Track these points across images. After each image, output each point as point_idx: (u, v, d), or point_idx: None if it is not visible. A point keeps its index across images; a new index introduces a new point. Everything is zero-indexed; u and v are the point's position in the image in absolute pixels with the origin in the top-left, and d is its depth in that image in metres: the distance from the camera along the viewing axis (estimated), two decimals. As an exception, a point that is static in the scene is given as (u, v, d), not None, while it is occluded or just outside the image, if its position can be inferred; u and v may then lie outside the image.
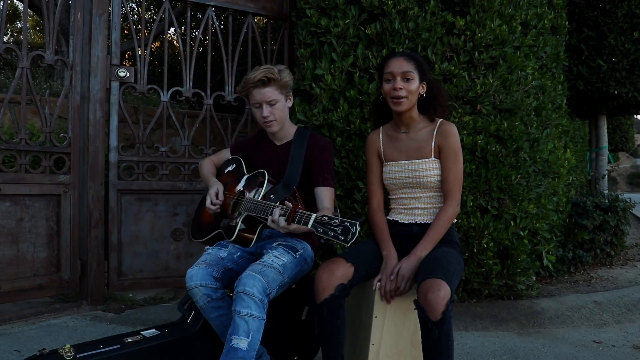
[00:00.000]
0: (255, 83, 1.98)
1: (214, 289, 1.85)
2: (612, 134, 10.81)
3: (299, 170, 2.03)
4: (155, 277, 3.29)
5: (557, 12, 3.54)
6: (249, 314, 1.68)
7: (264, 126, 2.07)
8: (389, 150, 2.00)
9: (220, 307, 1.86)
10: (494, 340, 2.60)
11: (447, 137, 1.90)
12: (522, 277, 2.96)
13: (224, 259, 1.95)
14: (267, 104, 2.01)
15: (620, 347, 2.52)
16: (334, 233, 1.55)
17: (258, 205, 1.88)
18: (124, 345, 1.89)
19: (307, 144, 2.07)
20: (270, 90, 2.00)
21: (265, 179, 1.98)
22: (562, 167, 3.23)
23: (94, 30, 3.04)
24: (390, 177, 1.98)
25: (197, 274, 1.84)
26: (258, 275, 1.73)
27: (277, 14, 3.60)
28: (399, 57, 1.91)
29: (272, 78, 1.99)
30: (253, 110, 2.08)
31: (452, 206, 1.89)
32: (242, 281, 1.72)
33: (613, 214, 3.92)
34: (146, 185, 3.26)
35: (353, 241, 1.55)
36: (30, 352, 2.20)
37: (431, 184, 1.92)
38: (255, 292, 1.69)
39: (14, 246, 2.84)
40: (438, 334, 1.57)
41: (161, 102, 3.32)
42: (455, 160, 1.90)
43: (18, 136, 2.85)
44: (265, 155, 2.13)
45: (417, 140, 1.95)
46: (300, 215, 1.65)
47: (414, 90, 1.89)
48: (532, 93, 3.00)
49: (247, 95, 2.06)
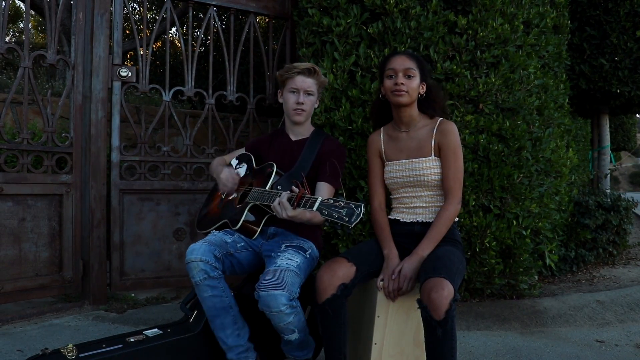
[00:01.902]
0: (302, 70, 2.11)
1: (213, 267, 1.86)
2: (615, 133, 10.80)
3: (308, 165, 2.09)
4: (157, 277, 3.30)
5: (560, 11, 3.53)
6: (286, 323, 1.77)
7: (292, 113, 2.14)
8: (389, 150, 2.01)
9: (215, 287, 1.88)
10: (496, 339, 2.60)
11: (446, 135, 1.91)
12: (524, 276, 2.95)
13: (228, 243, 1.98)
14: (305, 93, 2.12)
15: (623, 346, 2.52)
16: (339, 215, 1.56)
17: (265, 194, 1.92)
18: (126, 345, 1.89)
19: (321, 143, 2.15)
20: (312, 82, 2.13)
21: (274, 170, 2.04)
22: (565, 166, 3.23)
23: (95, 30, 3.04)
24: (391, 176, 1.99)
25: (199, 248, 1.87)
26: (278, 291, 1.73)
27: (279, 14, 3.59)
28: (401, 55, 1.94)
29: (317, 71, 2.14)
30: (286, 95, 2.15)
31: (453, 204, 1.88)
32: (265, 302, 1.73)
33: (615, 213, 3.91)
34: (148, 185, 3.26)
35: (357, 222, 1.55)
36: (32, 352, 2.20)
37: (431, 183, 1.92)
38: (281, 307, 1.73)
39: (16, 246, 2.84)
40: (441, 333, 1.57)
41: (163, 101, 3.32)
42: (455, 158, 1.90)
43: (20, 136, 2.86)
44: (279, 147, 2.20)
45: (417, 139, 1.95)
46: (307, 199, 1.67)
47: (415, 87, 1.90)
48: (534, 92, 2.99)
49: (286, 80, 2.14)
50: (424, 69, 1.95)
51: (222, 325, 1.89)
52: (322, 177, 2.07)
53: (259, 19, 5.56)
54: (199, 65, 3.66)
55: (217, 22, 3.44)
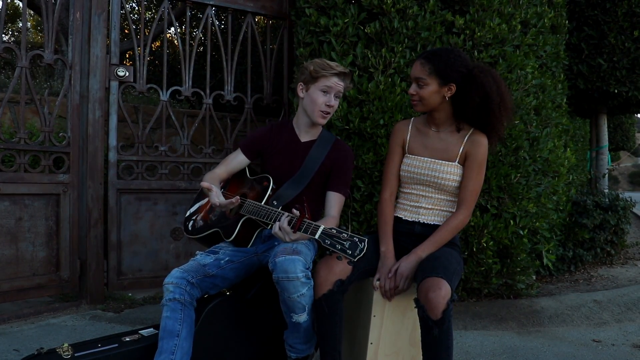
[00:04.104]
0: (339, 72, 2.00)
1: (183, 290, 1.83)
2: (613, 133, 10.80)
3: (313, 170, 2.02)
4: (154, 277, 3.29)
5: (557, 11, 3.53)
6: (300, 294, 1.70)
7: (318, 114, 2.01)
8: (415, 144, 1.97)
9: (174, 311, 1.81)
10: (493, 339, 2.60)
11: (476, 147, 1.86)
12: (521, 276, 2.96)
13: (206, 265, 1.92)
14: (335, 96, 2.02)
15: (619, 346, 2.52)
16: (342, 247, 1.54)
17: (261, 210, 1.86)
18: (121, 345, 1.89)
19: (330, 147, 2.07)
20: (344, 86, 2.03)
21: (270, 184, 1.97)
22: (562, 166, 3.23)
23: (93, 30, 3.04)
24: (408, 169, 1.95)
25: (174, 274, 1.86)
26: (295, 255, 1.70)
27: (277, 13, 3.59)
28: (417, 61, 1.87)
29: (350, 77, 2.05)
30: (315, 93, 2.00)
31: (464, 214, 1.87)
32: (282, 267, 1.69)
33: (613, 213, 3.92)
34: (145, 185, 3.26)
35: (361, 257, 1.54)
36: (29, 352, 2.19)
37: (447, 188, 1.90)
38: (299, 274, 1.68)
39: (13, 245, 2.84)
40: (438, 333, 1.57)
41: (161, 101, 3.31)
42: (479, 171, 1.87)
43: (17, 135, 2.85)
44: (287, 148, 2.09)
45: (446, 141, 1.91)
46: (308, 225, 1.63)
47: (426, 95, 1.84)
48: (532, 92, 3.00)
49: (320, 77, 1.99)
50: (442, 72, 1.81)
51: (161, 350, 1.79)
52: (332, 187, 2.03)
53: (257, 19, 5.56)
54: (197, 65, 3.66)
55: (215, 22, 3.44)
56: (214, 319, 1.94)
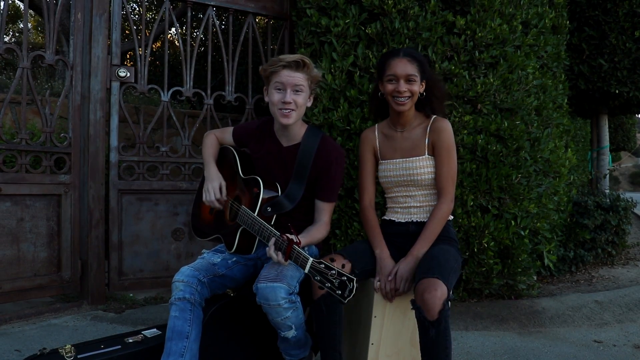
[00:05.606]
0: (289, 63, 1.84)
1: (194, 289, 1.81)
2: (614, 133, 10.79)
3: (303, 184, 1.93)
4: (155, 277, 3.30)
5: (558, 11, 3.53)
6: (284, 318, 1.71)
7: (279, 114, 1.87)
8: (384, 149, 2.00)
9: (183, 311, 1.78)
10: (494, 339, 2.60)
11: (439, 134, 1.90)
12: (522, 276, 2.95)
13: (216, 264, 1.92)
14: (292, 90, 1.85)
15: (621, 346, 2.52)
16: (331, 285, 1.54)
17: (255, 224, 1.84)
18: (125, 346, 1.88)
19: (316, 151, 1.92)
20: (300, 76, 1.86)
21: (261, 192, 1.89)
22: (563, 167, 3.23)
23: (94, 30, 3.04)
24: (385, 175, 1.99)
25: (184, 271, 1.84)
26: (277, 283, 1.69)
27: (278, 14, 3.60)
28: (402, 59, 1.87)
29: (306, 64, 1.87)
30: (271, 92, 1.89)
31: (446, 203, 1.88)
32: (263, 294, 1.69)
33: (614, 214, 3.91)
34: (147, 185, 3.26)
35: (350, 298, 1.53)
36: (30, 352, 2.20)
37: (425, 182, 1.92)
38: (280, 301, 1.68)
39: (15, 246, 2.85)
40: (435, 334, 1.57)
41: (162, 102, 3.32)
42: (448, 156, 1.89)
43: (19, 136, 2.86)
44: (269, 156, 1.99)
45: (412, 138, 1.95)
46: (297, 256, 1.63)
47: (417, 90, 1.89)
48: (532, 92, 3.00)
49: (271, 75, 1.88)
50: (424, 69, 1.90)
51: (169, 351, 1.74)
52: (320, 195, 1.95)
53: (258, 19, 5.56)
54: (198, 66, 3.66)
55: (216, 23, 3.44)
56: (218, 321, 1.94)
